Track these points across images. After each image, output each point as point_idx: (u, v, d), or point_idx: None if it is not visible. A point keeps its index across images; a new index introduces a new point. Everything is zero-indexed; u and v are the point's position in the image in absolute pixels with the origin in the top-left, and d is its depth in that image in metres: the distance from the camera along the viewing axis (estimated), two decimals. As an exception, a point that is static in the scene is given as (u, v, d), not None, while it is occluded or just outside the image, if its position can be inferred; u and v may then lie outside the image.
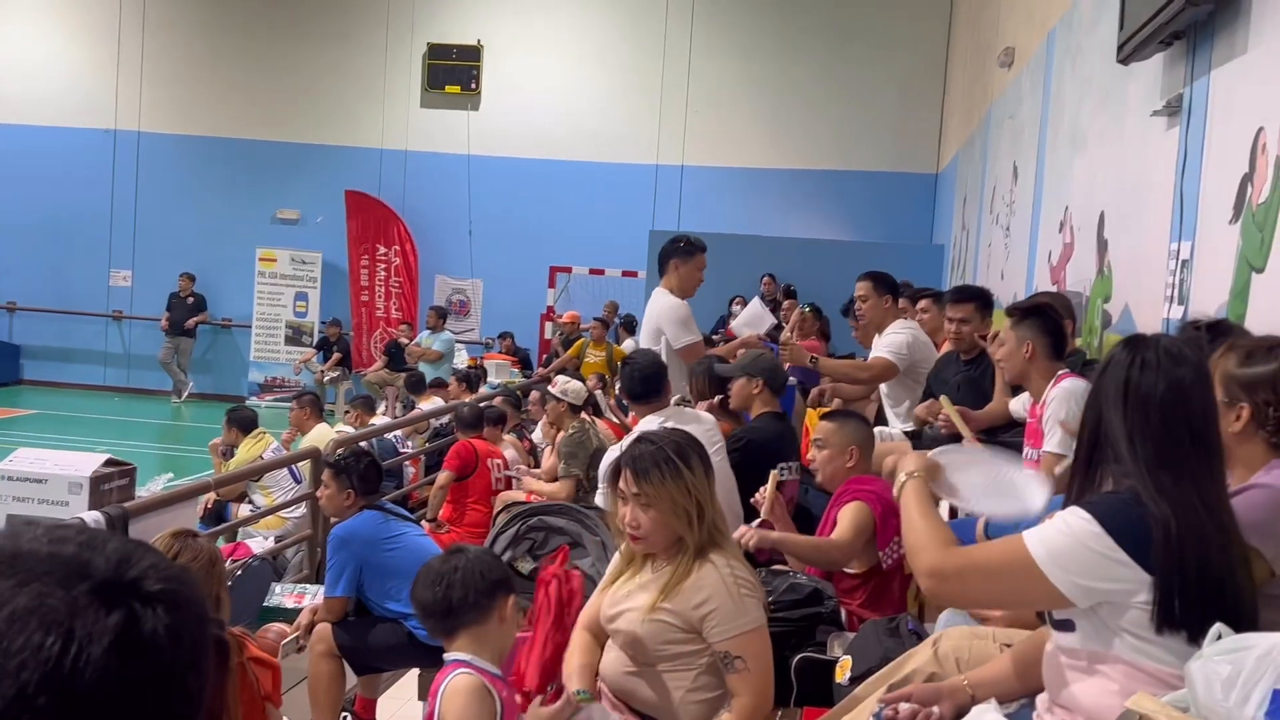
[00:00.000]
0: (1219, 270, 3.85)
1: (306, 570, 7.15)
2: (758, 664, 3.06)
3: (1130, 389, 2.30)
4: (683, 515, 3.09)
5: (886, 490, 4.42)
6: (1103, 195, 5.91)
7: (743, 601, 3.05)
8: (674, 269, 6.55)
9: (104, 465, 5.96)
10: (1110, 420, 2.32)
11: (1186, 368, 2.30)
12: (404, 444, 10.11)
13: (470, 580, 2.97)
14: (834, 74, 17.48)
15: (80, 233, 18.89)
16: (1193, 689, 1.96)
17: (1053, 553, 2.21)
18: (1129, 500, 2.23)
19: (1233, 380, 2.54)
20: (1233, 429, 2.52)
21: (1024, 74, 9.01)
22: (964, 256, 12.60)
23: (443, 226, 18.41)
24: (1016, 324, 4.52)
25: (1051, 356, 4.45)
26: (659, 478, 3.09)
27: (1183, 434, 2.26)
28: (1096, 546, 2.19)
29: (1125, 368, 2.32)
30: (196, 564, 3.11)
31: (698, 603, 3.03)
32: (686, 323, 6.39)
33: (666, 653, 3.10)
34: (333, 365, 17.54)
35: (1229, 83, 3.98)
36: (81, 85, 18.90)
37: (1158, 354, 2.31)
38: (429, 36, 18.29)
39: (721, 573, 3.05)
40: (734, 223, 17.18)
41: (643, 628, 3.09)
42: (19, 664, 0.87)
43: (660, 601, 3.07)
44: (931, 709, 2.67)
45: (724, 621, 3.02)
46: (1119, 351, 2.37)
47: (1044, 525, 2.27)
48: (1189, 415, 2.27)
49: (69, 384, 18.92)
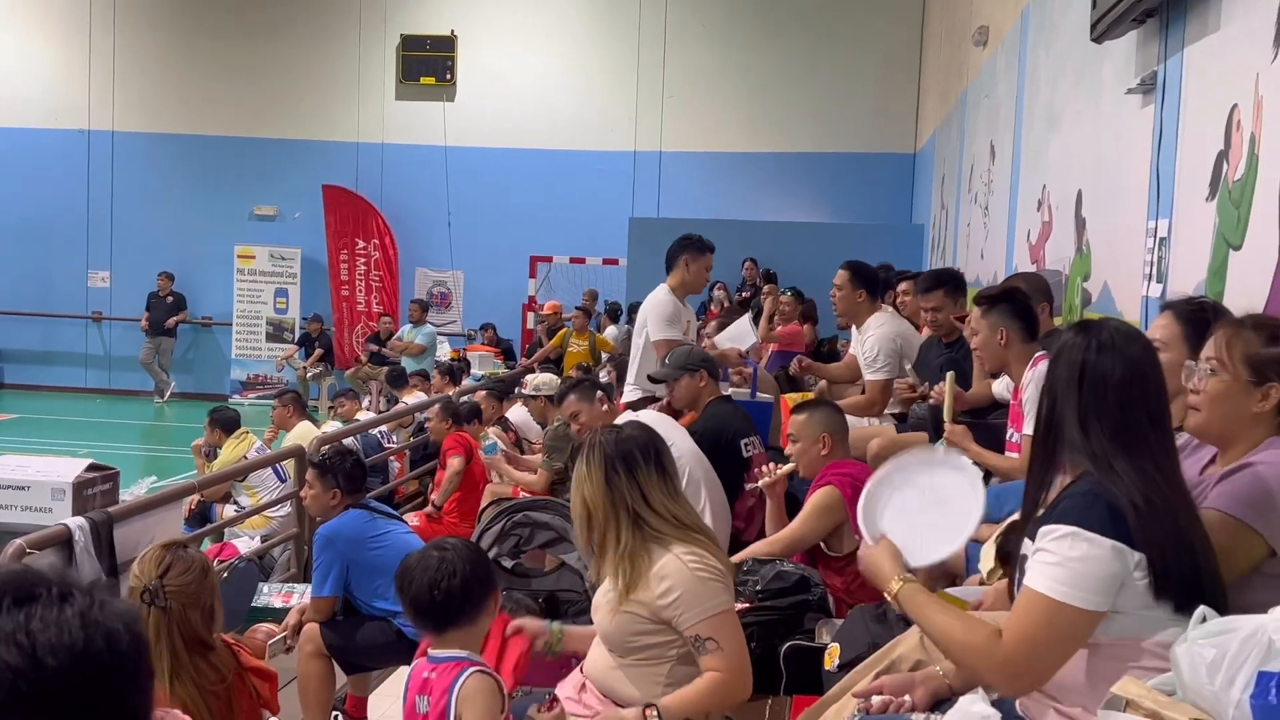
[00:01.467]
0: (1197, 248, 3.86)
1: (294, 569, 7.13)
2: (730, 643, 3.06)
3: (1086, 372, 2.33)
4: (613, 514, 3.12)
5: (862, 472, 4.45)
6: (1080, 173, 5.92)
7: (705, 585, 3.05)
8: (684, 265, 6.62)
9: (86, 470, 5.92)
10: (1064, 405, 2.34)
11: (1138, 346, 2.34)
12: (389, 439, 10.08)
13: (466, 578, 2.95)
14: (809, 55, 17.45)
15: (57, 235, 18.78)
16: (1178, 672, 1.96)
17: (1063, 583, 2.22)
18: (1090, 491, 2.26)
19: (1260, 360, 2.45)
20: (1258, 408, 2.45)
21: (999, 53, 9.01)
22: (943, 236, 12.61)
23: (422, 219, 18.35)
24: (987, 312, 4.54)
25: (1026, 339, 4.47)
26: (587, 471, 3.15)
27: (1140, 414, 2.29)
28: (1084, 550, 2.20)
29: (1081, 351, 2.34)
30: (189, 575, 3.08)
31: (661, 592, 3.05)
32: (672, 320, 6.43)
33: (637, 644, 3.11)
34: (315, 361, 17.48)
35: (1202, 60, 3.98)
36: (54, 86, 18.76)
37: (1111, 335, 2.34)
38: (402, 28, 18.20)
39: (682, 560, 3.06)
40: (713, 208, 17.18)
41: (611, 622, 3.13)
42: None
43: (626, 595, 3.09)
44: (904, 698, 2.68)
45: (690, 607, 3.03)
46: (1071, 336, 2.39)
47: (1036, 566, 2.27)
48: (1145, 394, 2.31)
49: (50, 387, 18.82)
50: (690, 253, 6.61)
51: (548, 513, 4.32)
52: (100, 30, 18.65)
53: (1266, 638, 1.86)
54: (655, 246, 15.68)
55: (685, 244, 6.69)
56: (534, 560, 4.95)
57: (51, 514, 5.58)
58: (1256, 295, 3.24)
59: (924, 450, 3.23)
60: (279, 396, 9.88)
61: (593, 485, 3.14)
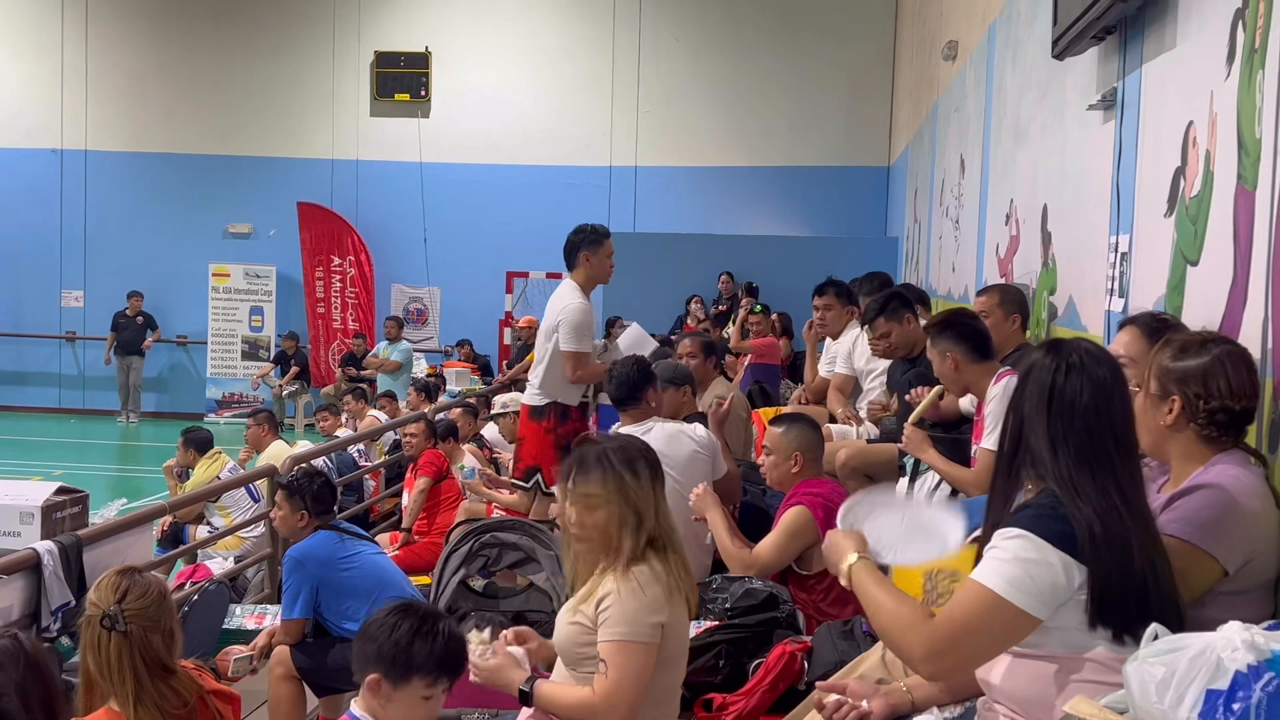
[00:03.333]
0: (1156, 263, 3.89)
1: (268, 590, 7.09)
2: (619, 675, 2.99)
3: (1055, 393, 2.35)
4: (618, 520, 3.08)
5: (834, 492, 4.47)
6: (1045, 188, 5.96)
7: (634, 610, 3.00)
8: (585, 260, 6.41)
9: (55, 493, 5.86)
10: (1032, 424, 2.36)
11: (1105, 368, 2.37)
12: (365, 457, 10.06)
13: None
14: (783, 69, 17.51)
15: (30, 254, 18.65)
16: (1130, 691, 1.98)
17: (1011, 582, 2.24)
18: (1049, 505, 2.29)
19: (1166, 373, 2.60)
20: (1164, 421, 2.59)
21: (967, 67, 9.07)
22: (917, 249, 12.67)
23: (397, 235, 18.31)
24: (934, 340, 4.62)
25: (978, 359, 4.52)
26: (600, 478, 3.10)
27: (1106, 436, 2.32)
28: (1035, 555, 2.23)
29: (1050, 372, 2.37)
30: (147, 599, 3.07)
31: (600, 599, 3.04)
32: (583, 330, 6.23)
33: (584, 654, 3.09)
34: (291, 379, 17.43)
35: (1160, 77, 4.02)
36: (26, 106, 18.65)
37: (1081, 357, 2.36)
38: (376, 45, 18.19)
39: (635, 579, 3.03)
40: (690, 222, 17.22)
41: (565, 630, 3.12)
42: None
43: (580, 603, 3.09)
44: (861, 703, 2.69)
45: (609, 624, 3.01)
46: (1040, 356, 2.42)
47: (987, 562, 2.30)
48: (1111, 416, 2.33)
49: (23, 407, 18.68)
50: (587, 247, 6.40)
51: (515, 533, 4.32)
52: (72, 49, 18.57)
53: (1215, 656, 1.87)
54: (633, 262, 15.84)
55: (580, 238, 6.46)
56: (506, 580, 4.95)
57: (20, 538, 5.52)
58: (1214, 311, 3.27)
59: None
60: (253, 415, 9.85)
61: (640, 485, 3.11)
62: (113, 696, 2.96)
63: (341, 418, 11.50)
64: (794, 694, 3.63)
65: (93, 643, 2.95)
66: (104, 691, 2.97)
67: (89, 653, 2.96)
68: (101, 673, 2.95)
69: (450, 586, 4.24)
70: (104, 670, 2.94)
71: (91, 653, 2.96)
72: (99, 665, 2.95)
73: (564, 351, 6.19)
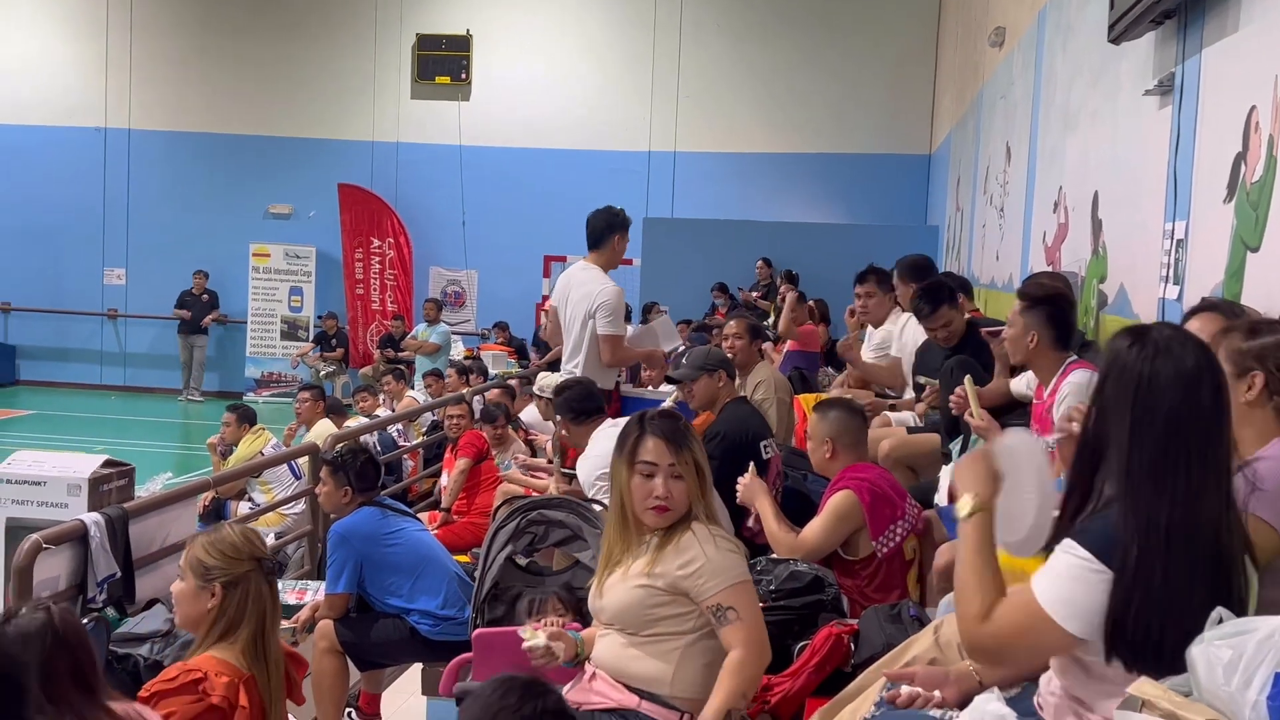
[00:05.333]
0: (1214, 249, 3.85)
1: (307, 566, 7.14)
2: (749, 613, 3.11)
3: (1140, 391, 2.19)
4: (697, 484, 3.19)
5: (880, 477, 4.45)
6: (1096, 175, 5.90)
7: (727, 556, 3.13)
8: (615, 244, 6.46)
9: (102, 466, 5.92)
10: (1113, 421, 2.22)
11: (1196, 357, 2.19)
12: (403, 437, 10.11)
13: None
14: (824, 56, 17.43)
15: (73, 232, 18.85)
16: (1194, 673, 1.96)
17: (1062, 600, 2.17)
18: (1114, 524, 2.17)
19: (1242, 353, 2.58)
20: (1245, 398, 2.55)
21: (1015, 53, 8.99)
22: (959, 238, 12.59)
23: (436, 218, 18.37)
24: (1025, 310, 4.46)
25: (1057, 347, 4.42)
26: (688, 446, 3.19)
27: (1182, 447, 2.15)
28: (1092, 580, 2.15)
29: (1137, 365, 2.20)
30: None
31: (682, 563, 3.10)
32: (620, 314, 6.27)
33: (654, 616, 3.12)
34: (335, 358, 17.58)
35: (1220, 61, 3.97)
36: (70, 84, 18.83)
37: (1166, 343, 2.20)
38: (417, 27, 18.23)
39: (701, 533, 3.15)
40: (727, 208, 17.18)
41: (630, 594, 3.13)
42: None
43: (650, 567, 3.12)
44: (934, 693, 2.67)
45: (711, 576, 3.07)
46: (1124, 345, 2.24)
47: (1046, 574, 2.22)
48: (1195, 423, 2.17)
49: (66, 384, 18.90)
50: (620, 230, 6.47)
51: (562, 510, 4.32)
52: (117, 29, 18.72)
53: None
54: (670, 247, 15.82)
55: (615, 220, 6.50)
56: (545, 558, 4.95)
57: (67, 509, 5.58)
58: (1274, 297, 3.23)
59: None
60: (305, 390, 9.88)
61: (701, 449, 3.25)
62: (223, 642, 3.14)
63: (380, 398, 11.58)
64: (840, 676, 3.61)
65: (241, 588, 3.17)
66: (218, 636, 3.15)
67: (226, 597, 3.15)
68: (231, 618, 3.16)
69: (497, 563, 4.24)
70: (237, 614, 3.16)
71: (232, 596, 3.16)
72: (239, 610, 3.16)
73: (602, 335, 6.18)
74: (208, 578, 3.17)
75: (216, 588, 3.16)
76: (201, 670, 3.04)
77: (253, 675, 3.13)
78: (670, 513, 3.17)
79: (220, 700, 3.00)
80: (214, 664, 3.07)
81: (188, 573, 3.20)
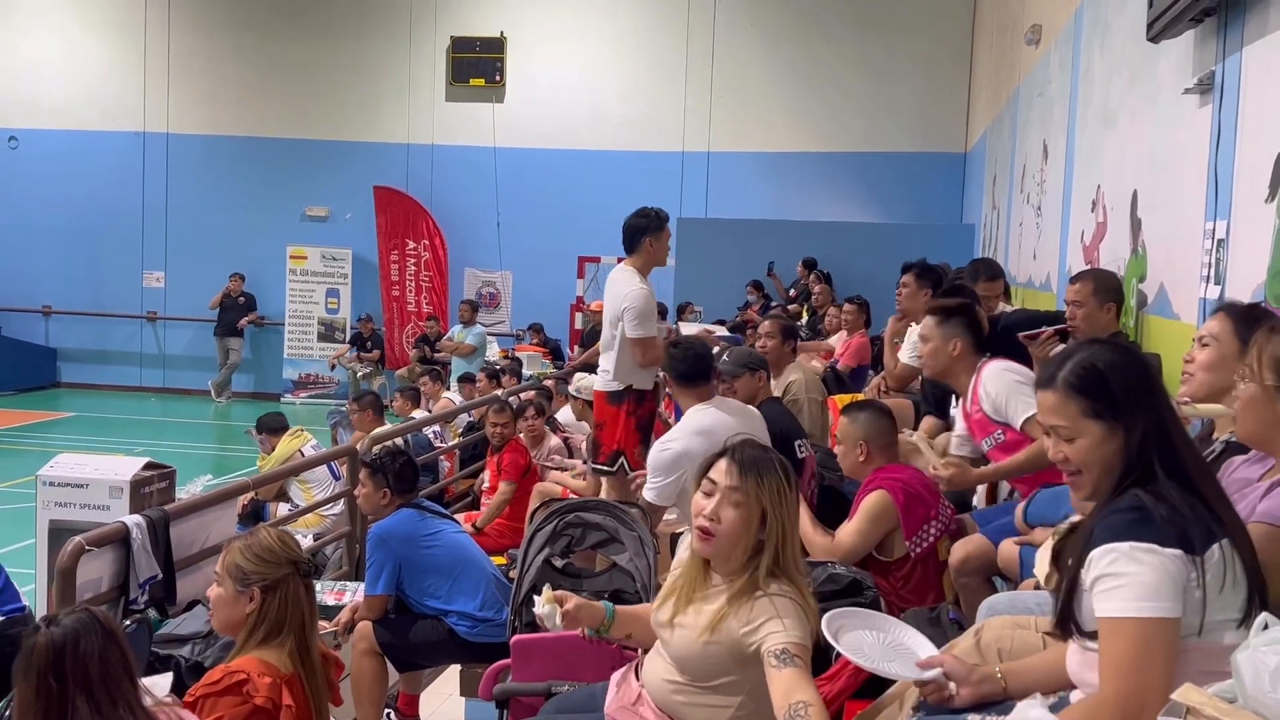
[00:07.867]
0: (1256, 249, 3.80)
1: (346, 567, 7.19)
2: (810, 668, 2.88)
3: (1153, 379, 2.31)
4: (755, 530, 2.95)
5: (913, 477, 4.43)
6: (1135, 174, 5.85)
7: (800, 618, 2.88)
8: (647, 246, 6.36)
9: (144, 468, 5.98)
10: (1140, 412, 2.29)
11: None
12: (440, 438, 10.15)
13: None
14: (859, 55, 17.37)
15: (112, 235, 19.06)
16: (1240, 680, 1.94)
17: (1146, 598, 2.17)
18: (1137, 508, 2.22)
19: None
20: None
21: (1052, 51, 8.92)
22: (995, 236, 12.51)
23: (471, 219, 18.45)
24: (942, 322, 4.67)
25: (975, 352, 4.65)
26: (757, 480, 2.94)
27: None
28: (1150, 562, 2.17)
29: (1138, 359, 2.32)
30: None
31: (748, 629, 2.89)
32: (648, 315, 6.20)
33: (714, 672, 3.00)
34: (371, 360, 17.69)
35: (1262, 59, 3.93)
36: (109, 89, 19.04)
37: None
38: (452, 30, 18.31)
39: (777, 599, 2.90)
40: (762, 208, 17.16)
41: (695, 650, 2.99)
42: None
43: (716, 627, 2.94)
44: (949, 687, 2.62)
45: (783, 631, 2.85)
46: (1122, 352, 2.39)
47: (1108, 594, 2.21)
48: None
49: (106, 386, 19.11)
50: (651, 233, 6.35)
51: (599, 513, 4.33)
52: (155, 33, 18.90)
53: (1331, 646, 1.84)
54: (704, 247, 15.80)
55: (645, 223, 6.40)
56: (584, 561, 4.97)
57: (109, 512, 5.64)
58: (1318, 298, 3.20)
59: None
60: (357, 400, 9.86)
61: (790, 501, 2.97)
62: (264, 645, 3.17)
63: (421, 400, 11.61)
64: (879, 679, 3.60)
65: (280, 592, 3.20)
66: (259, 640, 3.18)
67: (265, 601, 3.18)
68: (271, 621, 3.18)
69: (535, 565, 4.26)
70: (277, 617, 3.19)
71: (271, 600, 3.19)
72: (279, 613, 3.19)
73: (631, 338, 6.20)
74: (245, 582, 3.19)
75: (255, 592, 3.18)
76: (244, 672, 3.06)
77: (296, 675, 3.15)
78: (714, 542, 2.96)
79: (264, 701, 3.02)
80: (256, 665, 3.10)
81: (225, 578, 3.22)
